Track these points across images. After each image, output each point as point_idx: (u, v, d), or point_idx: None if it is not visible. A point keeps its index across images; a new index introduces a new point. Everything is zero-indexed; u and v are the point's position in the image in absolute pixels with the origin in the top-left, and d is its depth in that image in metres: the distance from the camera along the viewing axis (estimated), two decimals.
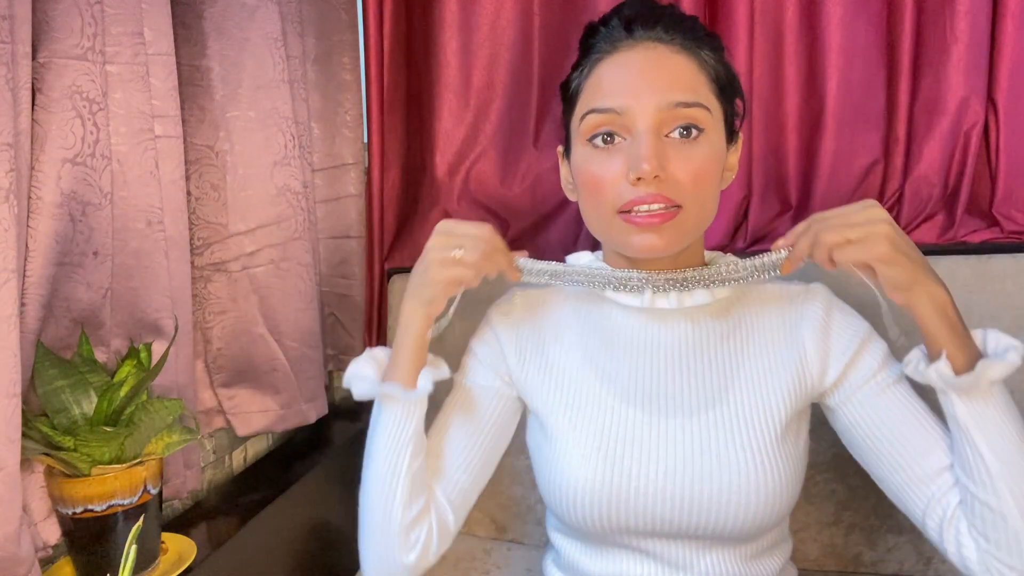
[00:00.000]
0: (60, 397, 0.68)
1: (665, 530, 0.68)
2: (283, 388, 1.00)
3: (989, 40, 0.95)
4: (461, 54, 1.14)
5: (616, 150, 0.65)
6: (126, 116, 0.74)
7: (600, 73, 0.67)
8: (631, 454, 0.68)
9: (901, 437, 0.65)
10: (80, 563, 0.70)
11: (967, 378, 0.58)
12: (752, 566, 0.71)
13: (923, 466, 0.64)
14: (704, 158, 0.64)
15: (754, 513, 0.65)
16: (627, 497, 0.67)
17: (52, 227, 0.67)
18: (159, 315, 0.80)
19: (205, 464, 0.96)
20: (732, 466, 0.65)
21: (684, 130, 0.64)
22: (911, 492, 0.64)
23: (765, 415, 0.67)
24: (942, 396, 0.61)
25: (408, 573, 0.70)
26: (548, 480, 0.71)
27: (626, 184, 0.64)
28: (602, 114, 0.65)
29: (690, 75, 0.65)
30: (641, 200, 0.63)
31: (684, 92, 0.63)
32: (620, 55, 0.66)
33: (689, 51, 0.65)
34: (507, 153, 1.17)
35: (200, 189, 0.92)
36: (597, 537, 0.71)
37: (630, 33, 0.66)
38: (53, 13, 0.66)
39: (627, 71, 0.65)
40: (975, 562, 0.60)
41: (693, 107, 0.63)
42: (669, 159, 0.63)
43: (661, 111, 0.63)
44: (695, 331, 0.71)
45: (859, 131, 1.02)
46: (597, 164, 0.66)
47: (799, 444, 0.70)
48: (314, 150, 1.12)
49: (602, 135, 0.66)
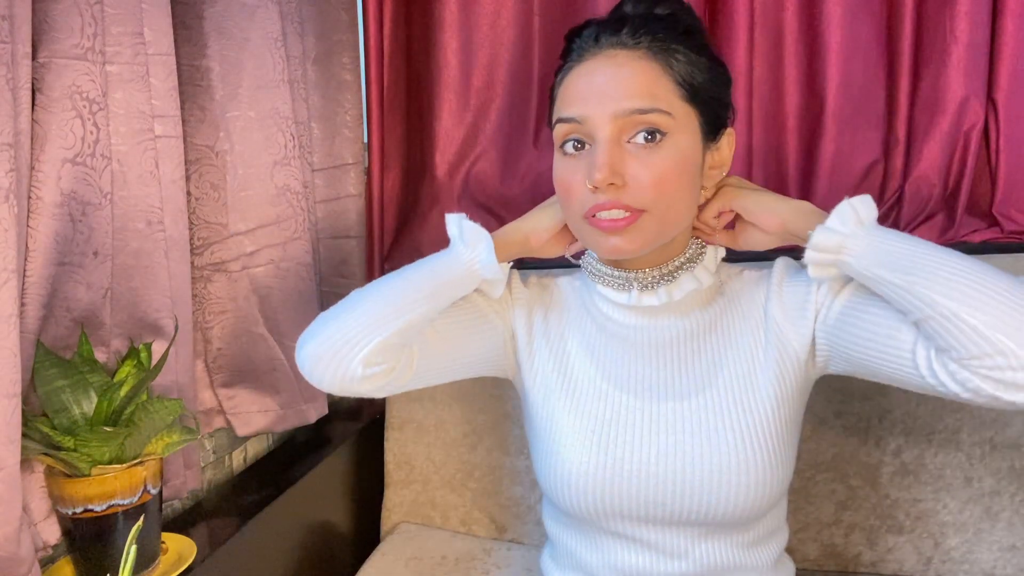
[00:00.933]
0: (60, 397, 0.68)
1: (659, 515, 0.69)
2: (283, 388, 1.00)
3: (989, 40, 0.95)
4: (461, 54, 1.14)
5: (583, 156, 0.67)
6: (126, 116, 0.74)
7: (568, 82, 0.68)
8: (624, 437, 0.69)
9: (876, 338, 0.63)
10: (80, 563, 0.70)
11: (830, 236, 0.61)
12: (748, 555, 0.72)
13: (899, 343, 0.61)
14: (667, 162, 0.64)
15: (745, 495, 0.66)
16: (620, 480, 0.68)
17: (52, 227, 0.67)
18: (159, 315, 0.80)
19: (205, 464, 0.96)
20: (722, 447, 0.67)
21: (648, 135, 0.64)
22: (905, 371, 0.62)
23: (754, 396, 0.69)
24: (834, 269, 0.63)
25: (355, 384, 0.68)
26: (544, 463, 0.73)
27: (588, 190, 0.65)
28: (567, 123, 0.67)
29: (651, 81, 0.65)
30: (601, 207, 0.65)
31: (642, 99, 0.64)
32: (585, 64, 0.67)
33: (654, 55, 0.65)
34: (507, 153, 1.17)
35: (200, 189, 0.92)
36: (593, 524, 0.72)
37: (596, 42, 0.67)
38: (53, 13, 0.66)
39: (588, 80, 0.66)
40: (969, 379, 0.56)
41: (651, 113, 0.64)
42: (628, 165, 0.64)
43: (618, 118, 0.64)
44: (682, 323, 0.73)
45: (859, 131, 1.02)
46: (566, 171, 0.68)
47: (792, 426, 0.71)
48: (314, 150, 1.12)
49: (572, 142, 0.68)
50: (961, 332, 0.55)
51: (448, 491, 1.13)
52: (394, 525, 1.15)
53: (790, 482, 0.72)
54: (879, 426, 0.97)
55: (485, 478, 1.11)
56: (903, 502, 0.97)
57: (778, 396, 0.69)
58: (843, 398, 0.97)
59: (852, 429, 0.98)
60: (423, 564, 1.04)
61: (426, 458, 1.14)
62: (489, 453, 1.11)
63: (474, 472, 1.12)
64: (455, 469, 1.13)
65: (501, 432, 1.10)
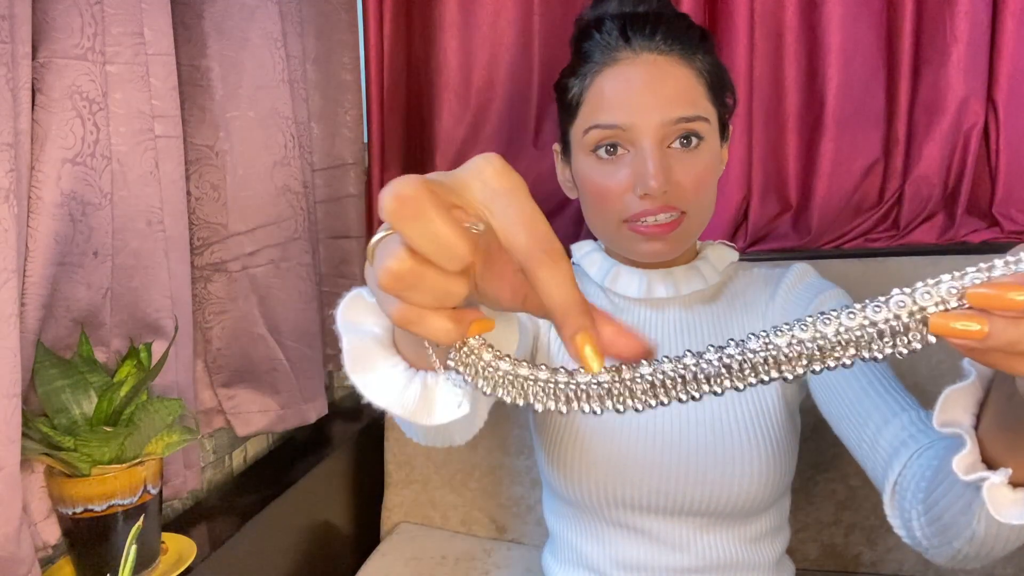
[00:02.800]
0: (60, 397, 0.68)
1: (663, 504, 0.69)
2: (283, 388, 1.00)
3: (989, 40, 0.95)
4: (461, 54, 1.14)
5: (620, 161, 0.67)
6: (126, 116, 0.74)
7: (601, 85, 0.67)
8: (629, 426, 0.70)
9: (860, 407, 0.61)
10: (80, 563, 0.70)
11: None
12: (750, 550, 0.72)
13: (884, 436, 0.58)
14: (705, 165, 0.67)
15: (749, 485, 0.67)
16: (625, 468, 0.69)
17: (52, 227, 0.67)
18: (159, 315, 0.80)
19: (205, 464, 0.96)
20: (727, 437, 0.68)
21: (684, 139, 0.66)
22: (872, 461, 0.59)
23: (759, 388, 0.70)
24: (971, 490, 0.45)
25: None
26: (553, 454, 0.73)
27: (633, 196, 0.66)
28: (607, 129, 0.66)
29: (690, 88, 0.66)
30: (648, 212, 0.65)
31: (685, 107, 0.65)
32: (621, 68, 0.66)
33: (687, 61, 0.67)
34: (507, 153, 1.17)
35: (200, 189, 0.92)
36: (597, 515, 0.73)
37: (628, 43, 0.66)
38: (53, 13, 0.66)
39: (629, 86, 0.66)
40: (926, 550, 0.53)
41: (695, 121, 0.65)
42: (672, 170, 0.65)
43: (665, 126, 0.65)
44: (689, 316, 0.74)
45: (859, 131, 1.02)
46: (602, 175, 0.68)
47: (795, 419, 0.72)
48: (314, 150, 1.12)
49: (606, 147, 0.67)
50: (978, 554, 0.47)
51: (448, 491, 1.13)
52: (394, 525, 1.15)
53: (792, 478, 0.72)
54: None
55: (485, 478, 1.11)
56: None
57: (780, 389, 0.70)
58: None
59: None
60: (423, 564, 1.04)
61: (426, 458, 1.14)
62: (489, 453, 1.11)
63: (474, 472, 1.12)
64: (455, 469, 1.13)
65: (501, 432, 1.10)
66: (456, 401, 0.39)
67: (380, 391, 0.39)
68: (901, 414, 0.58)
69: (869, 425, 0.60)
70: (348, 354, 0.40)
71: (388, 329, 0.41)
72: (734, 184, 1.05)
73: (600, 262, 0.77)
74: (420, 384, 0.40)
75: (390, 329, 0.41)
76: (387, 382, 0.40)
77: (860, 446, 0.61)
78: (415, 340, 0.38)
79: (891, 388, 0.62)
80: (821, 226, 1.04)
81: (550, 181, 1.15)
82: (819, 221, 1.04)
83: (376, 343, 0.41)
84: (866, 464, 0.61)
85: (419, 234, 0.27)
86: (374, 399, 0.39)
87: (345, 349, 0.40)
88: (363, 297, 0.41)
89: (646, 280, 0.73)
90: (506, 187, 0.29)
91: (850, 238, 1.04)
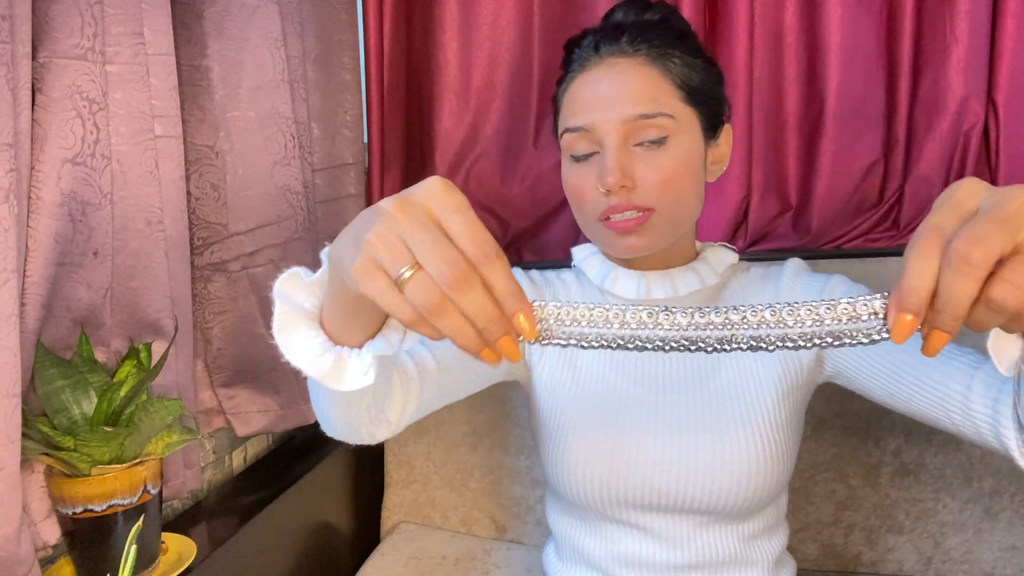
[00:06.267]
0: (60, 397, 0.68)
1: (662, 503, 0.70)
2: (283, 388, 1.00)
3: (989, 40, 0.95)
4: (461, 54, 1.14)
5: (592, 162, 0.69)
6: (126, 116, 0.74)
7: (571, 92, 0.71)
8: (629, 425, 0.71)
9: (931, 381, 0.61)
10: (80, 563, 0.70)
11: None
12: (749, 547, 0.73)
13: (974, 400, 0.58)
14: (672, 162, 0.67)
15: (747, 484, 0.68)
16: (626, 468, 0.70)
17: (52, 227, 0.67)
18: (159, 315, 0.80)
19: (205, 464, 0.96)
20: (724, 437, 0.69)
21: (654, 139, 0.67)
22: (973, 428, 0.59)
23: (757, 389, 0.71)
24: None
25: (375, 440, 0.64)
26: (553, 453, 0.74)
27: (601, 194, 0.68)
28: (575, 132, 0.69)
29: (652, 86, 0.67)
30: (614, 209, 0.67)
31: (645, 104, 0.66)
32: (588, 73, 0.69)
33: (654, 60, 0.68)
34: (507, 153, 1.17)
35: (200, 189, 0.92)
36: (598, 513, 0.74)
37: (597, 51, 0.69)
38: (53, 13, 0.66)
39: (592, 89, 0.68)
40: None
41: (655, 117, 0.66)
42: (636, 168, 0.66)
43: (625, 124, 0.66)
44: None
45: (859, 131, 1.02)
46: (577, 176, 0.70)
47: (794, 420, 0.72)
48: (314, 150, 1.12)
49: (580, 149, 0.69)
50: None
51: (448, 491, 1.13)
52: (394, 525, 1.15)
53: (790, 480, 0.73)
54: (879, 426, 0.97)
55: (485, 478, 1.11)
56: (903, 502, 0.97)
57: (780, 390, 0.71)
58: (843, 398, 0.97)
59: (852, 429, 0.98)
60: (423, 564, 1.04)
61: (426, 458, 1.14)
62: (489, 453, 1.11)
63: (474, 472, 1.12)
64: (455, 469, 1.13)
65: (501, 432, 1.10)
66: (363, 370, 0.45)
67: (299, 353, 0.45)
68: (977, 372, 0.58)
69: (953, 396, 0.59)
70: (278, 318, 0.45)
71: (317, 307, 0.47)
72: (734, 184, 1.05)
73: (599, 265, 0.77)
74: (335, 355, 0.45)
75: (319, 307, 0.47)
76: (307, 346, 0.45)
77: (950, 416, 0.60)
78: (350, 320, 0.44)
79: (952, 351, 0.61)
80: (821, 226, 1.04)
81: (550, 181, 1.15)
82: (819, 221, 1.04)
83: (305, 315, 0.46)
84: (965, 432, 0.60)
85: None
86: (292, 360, 0.45)
87: (276, 314, 0.45)
88: (300, 276, 0.46)
89: (644, 282, 0.73)
90: (454, 205, 0.36)
91: (850, 238, 1.04)
